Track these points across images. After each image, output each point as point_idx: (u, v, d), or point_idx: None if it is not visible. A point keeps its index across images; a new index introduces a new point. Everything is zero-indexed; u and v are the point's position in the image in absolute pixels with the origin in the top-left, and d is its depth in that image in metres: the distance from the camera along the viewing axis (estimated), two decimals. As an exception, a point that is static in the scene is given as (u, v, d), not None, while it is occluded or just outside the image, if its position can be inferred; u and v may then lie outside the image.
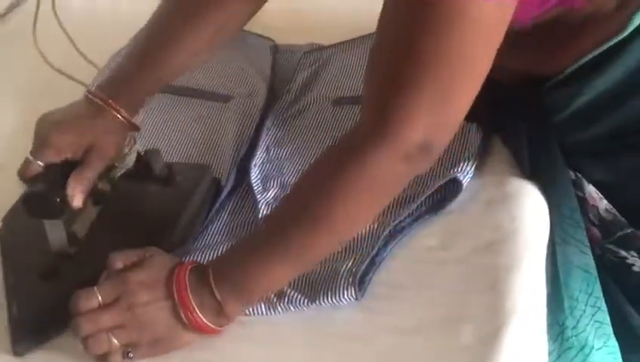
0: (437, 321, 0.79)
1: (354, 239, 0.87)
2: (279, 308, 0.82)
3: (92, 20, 1.35)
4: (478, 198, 0.90)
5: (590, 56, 0.84)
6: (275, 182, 0.96)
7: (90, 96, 0.90)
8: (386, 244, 0.87)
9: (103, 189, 0.89)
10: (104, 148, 0.86)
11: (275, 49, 1.23)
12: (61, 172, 0.83)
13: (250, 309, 0.82)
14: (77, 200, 0.83)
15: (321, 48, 1.22)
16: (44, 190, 0.81)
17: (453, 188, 0.91)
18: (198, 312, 0.76)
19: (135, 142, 0.93)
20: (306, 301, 0.82)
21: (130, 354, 0.76)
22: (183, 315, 0.76)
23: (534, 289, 0.81)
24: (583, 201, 0.90)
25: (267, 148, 1.03)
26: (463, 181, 0.90)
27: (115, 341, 0.76)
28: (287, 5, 1.33)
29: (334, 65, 1.18)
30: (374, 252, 0.86)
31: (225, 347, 0.80)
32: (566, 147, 0.91)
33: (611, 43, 0.82)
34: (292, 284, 0.83)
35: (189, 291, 0.76)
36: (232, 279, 0.77)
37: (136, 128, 0.92)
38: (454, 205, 0.90)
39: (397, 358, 0.77)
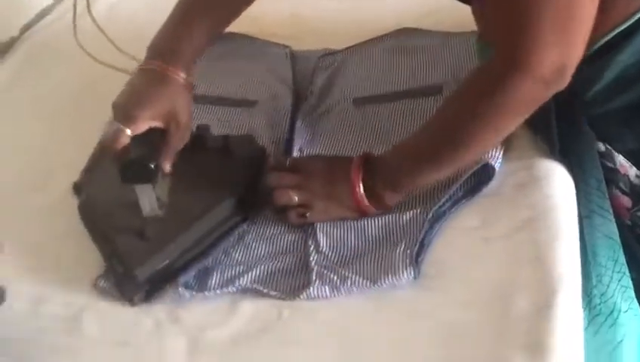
0: (490, 295, 0.85)
1: (401, 224, 0.93)
2: (342, 291, 0.88)
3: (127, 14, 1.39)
4: (510, 181, 0.97)
5: (620, 28, 0.90)
6: None
7: (147, 66, 0.96)
8: (431, 227, 0.93)
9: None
10: (180, 114, 0.95)
11: (292, 55, 1.28)
12: (147, 141, 0.92)
13: (316, 292, 0.88)
14: (167, 165, 0.94)
15: (334, 52, 1.28)
16: (140, 157, 0.90)
17: (485, 172, 0.97)
18: (364, 199, 0.92)
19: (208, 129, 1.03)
20: (367, 283, 0.88)
21: (306, 215, 0.93)
22: (352, 198, 0.92)
23: (574, 259, 0.88)
24: (613, 172, 0.97)
25: (300, 149, 1.09)
26: (495, 165, 0.97)
27: (295, 198, 0.93)
28: (289, 12, 1.40)
29: (349, 68, 1.24)
30: (422, 235, 0.92)
31: (296, 325, 0.85)
32: (595, 118, 0.97)
33: None
34: (354, 268, 0.89)
35: (360, 180, 0.92)
36: (390, 173, 0.92)
37: (193, 86, 1.00)
38: (488, 189, 0.97)
39: (458, 331, 0.82)
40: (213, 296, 0.90)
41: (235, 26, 1.11)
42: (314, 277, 0.89)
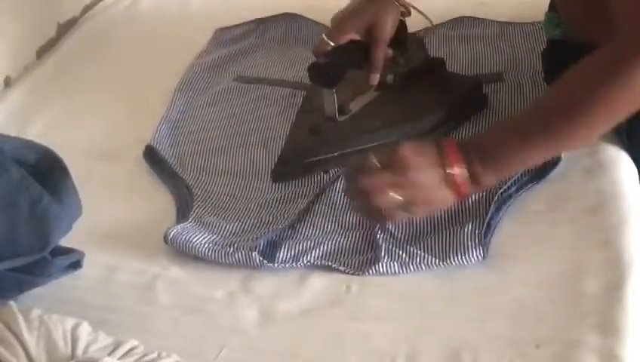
0: (559, 275, 0.86)
1: (466, 206, 0.95)
2: (411, 268, 0.89)
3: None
4: (576, 166, 0.98)
5: None
6: None
7: None
8: (497, 209, 0.94)
9: (388, 80, 1.07)
10: (382, 26, 1.01)
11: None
12: (345, 52, 1.01)
13: (384, 268, 0.89)
14: (373, 78, 1.02)
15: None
16: (325, 63, 1.01)
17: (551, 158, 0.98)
18: (466, 181, 0.87)
19: (424, 44, 1.09)
20: (436, 261, 0.89)
21: (410, 210, 0.88)
22: (453, 182, 0.87)
23: (640, 244, 0.89)
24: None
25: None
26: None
27: (397, 196, 0.87)
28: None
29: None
30: (488, 217, 0.93)
31: (365, 299, 0.87)
32: None
33: None
34: (422, 246, 0.90)
35: (461, 162, 0.87)
36: (490, 153, 0.87)
37: (409, 13, 1.06)
38: (554, 174, 0.98)
39: (528, 309, 0.83)
40: (282, 269, 0.91)
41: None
42: (383, 254, 0.90)
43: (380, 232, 0.93)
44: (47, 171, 0.86)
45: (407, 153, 0.88)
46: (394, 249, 0.91)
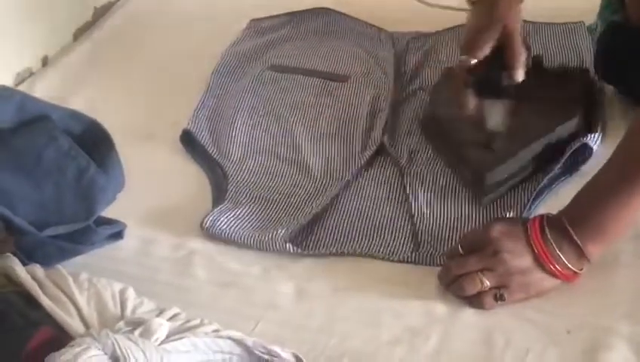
0: (591, 265, 0.87)
1: (503, 199, 0.97)
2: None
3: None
4: (607, 161, 1.00)
5: None
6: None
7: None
8: (534, 199, 0.96)
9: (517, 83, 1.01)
10: (514, 23, 1.00)
11: (382, 35, 1.32)
12: (494, 63, 1.00)
13: (419, 258, 0.91)
14: (518, 73, 0.99)
15: (425, 35, 1.32)
16: (492, 74, 0.99)
17: (583, 152, 1.00)
18: (556, 262, 0.83)
19: (529, 48, 1.05)
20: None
21: (504, 296, 0.83)
22: (544, 265, 0.83)
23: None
24: None
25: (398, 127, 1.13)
26: (594, 147, 1.00)
27: (487, 281, 0.83)
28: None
29: (441, 50, 1.28)
30: (526, 209, 0.95)
31: (401, 282, 0.89)
32: None
33: None
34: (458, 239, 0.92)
35: (547, 242, 0.83)
36: (590, 222, 0.82)
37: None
38: (586, 168, 0.99)
39: (561, 297, 0.85)
40: (315, 254, 0.93)
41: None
42: (419, 243, 0.93)
43: (418, 222, 0.95)
44: (93, 142, 0.89)
45: (493, 234, 0.85)
46: (429, 239, 0.93)
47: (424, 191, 1.00)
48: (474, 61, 0.99)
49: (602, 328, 0.81)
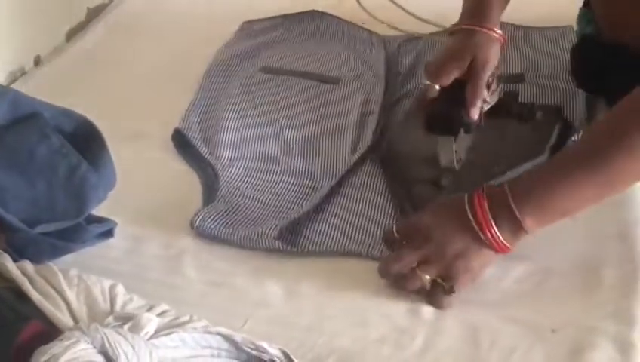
0: (577, 265, 0.89)
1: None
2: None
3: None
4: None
5: None
6: None
7: (461, 27, 1.02)
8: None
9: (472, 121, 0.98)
10: (485, 58, 0.98)
11: (374, 38, 1.33)
12: (454, 97, 0.97)
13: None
14: (474, 112, 0.95)
15: (417, 37, 1.33)
16: (445, 111, 0.96)
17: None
18: (497, 232, 0.82)
19: (499, 83, 1.04)
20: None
21: (453, 288, 0.82)
22: (483, 236, 0.82)
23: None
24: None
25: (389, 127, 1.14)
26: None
27: (427, 275, 0.83)
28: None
29: (431, 55, 1.29)
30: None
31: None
32: None
33: None
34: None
35: (487, 213, 0.82)
36: (535, 198, 0.82)
37: (506, 43, 1.03)
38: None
39: (546, 296, 0.86)
40: (305, 252, 0.94)
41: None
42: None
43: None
44: (85, 140, 0.89)
45: (427, 220, 0.85)
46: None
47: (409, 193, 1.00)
48: (437, 87, 0.98)
49: (587, 327, 0.82)
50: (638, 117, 0.81)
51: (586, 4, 1.13)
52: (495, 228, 0.82)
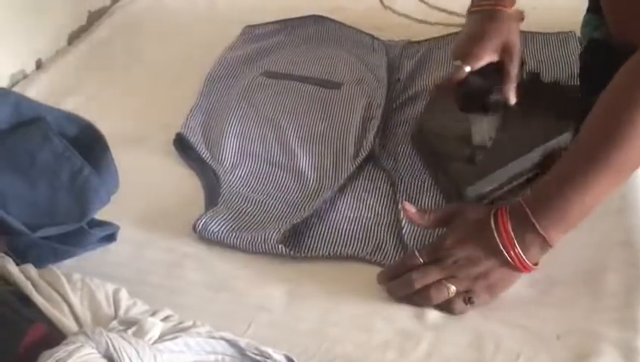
0: (582, 272, 0.88)
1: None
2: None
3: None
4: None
5: None
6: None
7: (477, 8, 1.04)
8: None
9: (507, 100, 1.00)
10: (514, 44, 1.00)
11: (375, 43, 1.33)
12: (484, 76, 1.00)
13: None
14: (512, 96, 0.98)
15: (418, 42, 1.33)
16: (478, 89, 0.99)
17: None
18: (521, 253, 0.83)
19: (524, 62, 1.05)
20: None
21: (472, 299, 0.84)
22: (509, 258, 0.83)
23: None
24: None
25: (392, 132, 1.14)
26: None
27: (453, 287, 0.84)
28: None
29: (434, 58, 1.29)
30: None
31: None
32: None
33: None
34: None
35: (512, 234, 0.83)
36: (552, 209, 0.82)
37: (523, 18, 1.05)
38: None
39: (551, 302, 0.86)
40: (308, 256, 0.94)
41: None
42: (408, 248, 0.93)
43: (405, 227, 0.96)
44: (87, 144, 0.89)
45: (454, 238, 0.86)
46: (416, 245, 0.94)
47: (412, 198, 1.00)
48: (468, 68, 0.99)
49: (592, 333, 0.82)
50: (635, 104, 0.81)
51: (590, 10, 1.13)
52: (519, 249, 0.83)
